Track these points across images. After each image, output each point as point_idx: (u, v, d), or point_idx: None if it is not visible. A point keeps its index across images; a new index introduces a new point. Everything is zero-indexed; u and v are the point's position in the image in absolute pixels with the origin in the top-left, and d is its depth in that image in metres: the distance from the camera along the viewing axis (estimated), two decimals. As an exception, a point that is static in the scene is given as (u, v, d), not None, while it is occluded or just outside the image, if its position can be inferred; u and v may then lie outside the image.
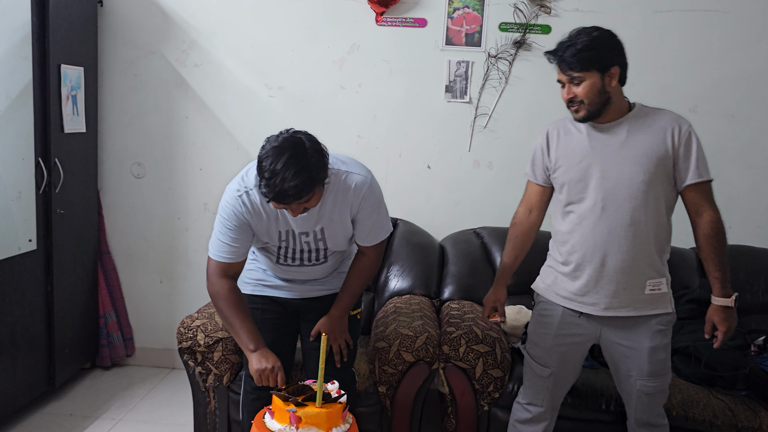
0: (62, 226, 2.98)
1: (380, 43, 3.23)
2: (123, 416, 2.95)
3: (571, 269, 2.09)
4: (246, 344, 2.00)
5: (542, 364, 2.18)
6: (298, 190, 1.72)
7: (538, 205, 2.22)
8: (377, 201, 2.04)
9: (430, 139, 3.28)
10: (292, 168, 1.70)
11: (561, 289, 2.13)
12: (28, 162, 2.75)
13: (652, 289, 2.05)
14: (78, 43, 3.05)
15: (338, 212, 1.99)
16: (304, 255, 2.10)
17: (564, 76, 1.98)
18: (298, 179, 1.70)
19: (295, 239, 2.03)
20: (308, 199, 1.79)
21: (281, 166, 1.70)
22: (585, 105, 1.98)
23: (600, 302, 2.06)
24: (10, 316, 2.68)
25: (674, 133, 1.99)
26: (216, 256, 2.00)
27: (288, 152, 1.73)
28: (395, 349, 2.39)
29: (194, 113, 3.35)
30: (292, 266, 2.14)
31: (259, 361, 1.97)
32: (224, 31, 3.28)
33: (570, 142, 2.08)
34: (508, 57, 3.19)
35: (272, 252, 2.10)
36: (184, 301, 3.47)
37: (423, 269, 2.97)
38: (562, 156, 2.09)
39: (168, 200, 3.42)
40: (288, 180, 1.70)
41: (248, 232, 1.99)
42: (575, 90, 1.97)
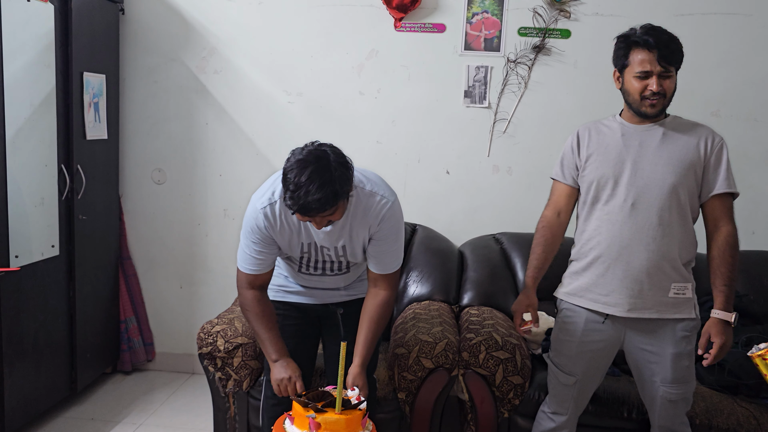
0: (84, 232, 3.01)
1: (399, 49, 3.23)
2: (143, 421, 2.97)
3: (595, 265, 2.07)
4: (269, 354, 2.01)
5: (567, 372, 2.15)
6: (322, 204, 1.71)
7: (566, 208, 2.19)
8: (397, 225, 2.00)
9: (449, 145, 3.28)
10: (316, 181, 1.70)
11: (584, 289, 2.11)
12: (51, 168, 2.79)
13: (676, 292, 2.03)
14: (100, 51, 3.09)
15: (358, 230, 1.97)
16: (326, 266, 2.10)
17: (659, 67, 1.96)
18: (322, 192, 1.70)
19: (317, 251, 2.03)
20: (332, 212, 1.78)
21: (305, 179, 1.70)
22: (665, 100, 1.99)
23: (623, 302, 2.04)
24: (33, 321, 2.71)
25: (707, 143, 2.01)
26: (243, 268, 2.02)
27: (312, 165, 1.72)
28: (414, 356, 2.38)
29: (214, 119, 3.37)
30: (313, 275, 2.14)
31: (279, 372, 1.98)
32: (244, 38, 3.30)
33: (603, 140, 2.08)
34: (528, 62, 3.17)
35: (294, 261, 2.11)
36: (204, 307, 3.49)
37: (442, 275, 2.95)
38: (594, 152, 2.08)
39: (188, 206, 3.45)
40: (312, 193, 1.69)
41: (272, 245, 1.99)
42: (664, 83, 1.97)
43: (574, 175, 2.15)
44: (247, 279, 2.02)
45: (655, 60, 1.96)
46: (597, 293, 2.08)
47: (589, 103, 3.19)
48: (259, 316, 2.02)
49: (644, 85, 1.98)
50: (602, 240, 2.05)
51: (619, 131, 2.07)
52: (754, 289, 2.87)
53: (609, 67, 3.11)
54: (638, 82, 1.99)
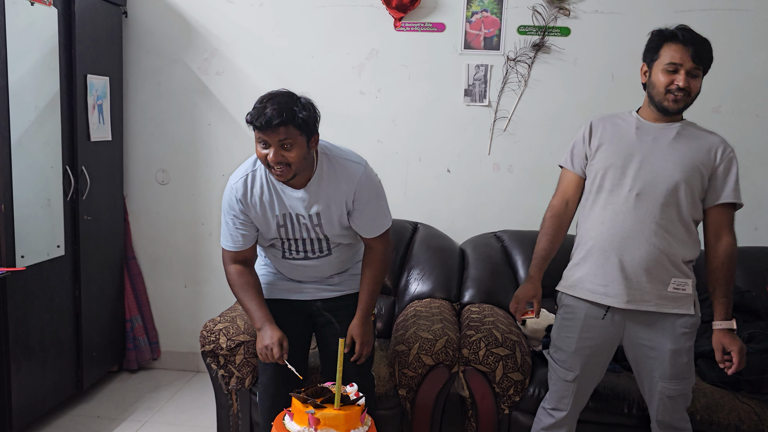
0: (89, 233, 3.05)
1: (399, 49, 3.25)
2: (149, 418, 3.00)
3: (597, 257, 2.08)
4: (254, 321, 2.10)
5: (566, 368, 2.16)
6: (278, 113, 1.83)
7: (573, 197, 2.20)
8: (375, 189, 2.09)
9: (449, 143, 3.29)
10: (277, 99, 1.87)
11: (585, 282, 2.11)
12: (56, 170, 2.83)
13: (676, 287, 2.03)
14: (103, 54, 3.13)
15: (334, 198, 2.04)
16: (307, 245, 2.12)
17: (690, 63, 1.97)
18: (280, 107, 1.84)
19: (293, 223, 2.07)
20: (287, 135, 1.86)
21: (268, 98, 1.87)
22: (688, 99, 2.00)
23: (622, 294, 2.04)
24: (39, 321, 2.75)
25: (719, 151, 2.03)
26: (225, 245, 2.13)
27: (280, 94, 1.91)
28: (415, 353, 2.40)
29: (217, 120, 3.40)
30: (297, 260, 2.16)
31: (263, 338, 2.06)
32: (245, 39, 3.33)
33: (617, 131, 2.10)
34: (527, 60, 3.18)
35: (277, 247, 2.15)
36: (207, 305, 3.53)
37: (443, 273, 2.97)
38: (606, 141, 2.09)
39: (192, 206, 3.48)
40: (271, 106, 1.84)
41: (248, 223, 2.08)
42: (691, 82, 1.98)
43: (582, 164, 2.15)
44: (230, 255, 2.12)
45: (688, 56, 1.96)
46: (596, 284, 2.09)
47: (590, 101, 3.19)
48: (243, 287, 2.10)
49: (671, 79, 1.99)
50: (604, 230, 2.06)
51: (634, 125, 2.08)
52: (756, 285, 2.87)
53: (609, 64, 3.16)
54: (666, 75, 2.00)
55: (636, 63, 3.12)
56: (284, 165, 1.91)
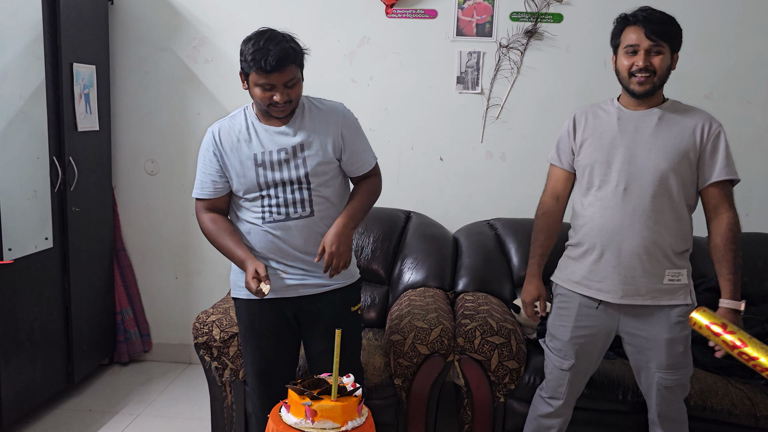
0: (78, 224, 3.01)
1: (390, 36, 3.22)
2: (141, 411, 2.98)
3: (590, 253, 2.07)
4: (237, 257, 2.02)
5: (562, 356, 2.16)
6: (284, 54, 1.88)
7: (563, 193, 2.19)
8: (357, 124, 2.12)
9: (442, 131, 3.27)
10: (273, 41, 1.90)
11: (579, 277, 2.11)
12: (43, 161, 2.78)
13: (671, 279, 2.03)
14: (90, 42, 3.07)
15: (319, 130, 2.04)
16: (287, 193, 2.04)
17: (647, 41, 1.95)
18: (280, 47, 1.88)
19: (272, 161, 2.02)
20: (291, 77, 1.91)
21: (263, 41, 1.89)
22: (654, 78, 1.97)
23: (617, 289, 2.04)
24: (28, 314, 2.71)
25: (704, 130, 1.99)
26: (197, 194, 2.12)
27: (268, 32, 1.94)
28: (410, 342, 2.39)
29: (206, 109, 3.36)
30: (278, 222, 2.05)
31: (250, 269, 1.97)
32: (234, 27, 3.28)
33: (599, 125, 2.08)
34: (520, 47, 3.16)
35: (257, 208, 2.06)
36: (199, 297, 3.50)
37: (437, 262, 2.96)
38: (589, 137, 2.08)
39: (182, 196, 3.44)
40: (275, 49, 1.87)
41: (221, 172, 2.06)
42: (653, 60, 1.96)
43: (570, 159, 2.14)
44: (202, 204, 2.13)
45: (643, 35, 1.95)
46: (591, 279, 2.08)
47: (582, 88, 3.18)
48: (217, 233, 2.07)
49: (632, 62, 1.97)
50: (594, 226, 2.05)
51: (615, 115, 2.06)
52: (748, 271, 2.87)
53: (602, 50, 3.14)
54: (627, 58, 1.99)
55: (629, 49, 3.14)
56: (287, 103, 1.95)
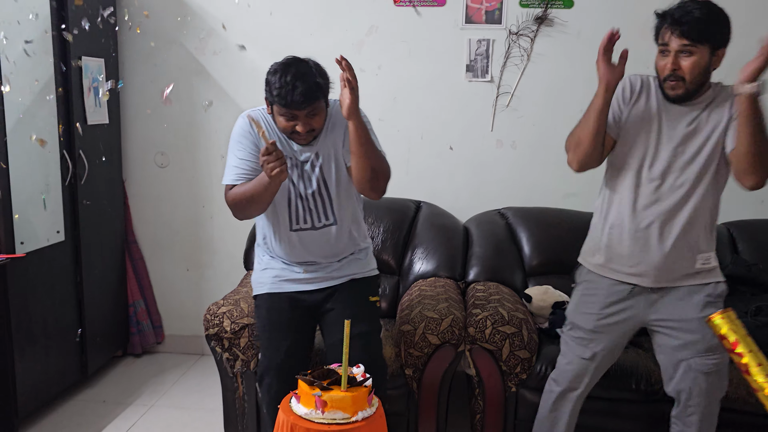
0: (89, 217, 3.02)
1: (399, 25, 3.19)
2: (155, 402, 3.00)
3: (622, 237, 2.02)
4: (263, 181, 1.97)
5: (584, 345, 2.11)
6: (309, 91, 1.88)
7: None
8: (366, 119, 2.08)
9: (451, 120, 3.24)
10: (299, 77, 1.88)
11: (611, 262, 2.06)
12: (54, 155, 2.79)
13: (703, 263, 2.00)
14: (98, 35, 3.07)
15: (330, 137, 2.08)
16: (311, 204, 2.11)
17: (676, 42, 1.85)
18: (306, 84, 1.88)
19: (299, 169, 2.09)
20: (316, 109, 1.93)
21: (290, 77, 1.88)
22: (685, 83, 1.88)
23: (650, 274, 2.01)
24: (41, 307, 2.73)
25: (732, 110, 1.91)
26: (228, 180, 2.10)
27: (294, 65, 1.92)
28: (421, 332, 2.38)
29: (215, 101, 3.35)
30: (304, 230, 2.14)
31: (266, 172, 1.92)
32: (242, 18, 3.27)
33: (650, 104, 1.98)
34: (530, 33, 3.13)
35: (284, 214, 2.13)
36: (210, 288, 3.51)
37: (447, 251, 2.95)
38: (634, 117, 1.99)
39: (192, 189, 3.45)
40: (301, 85, 1.87)
41: (255, 154, 2.06)
42: (683, 62, 1.86)
43: (615, 128, 2.01)
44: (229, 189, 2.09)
45: (674, 36, 1.85)
46: (624, 264, 2.04)
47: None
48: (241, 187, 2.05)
49: (663, 64, 1.90)
50: (633, 211, 2.00)
51: (660, 102, 1.97)
52: (764, 258, 2.84)
53: (613, 36, 3.09)
54: (661, 58, 1.91)
55: (641, 35, 3.07)
56: (309, 132, 1.97)
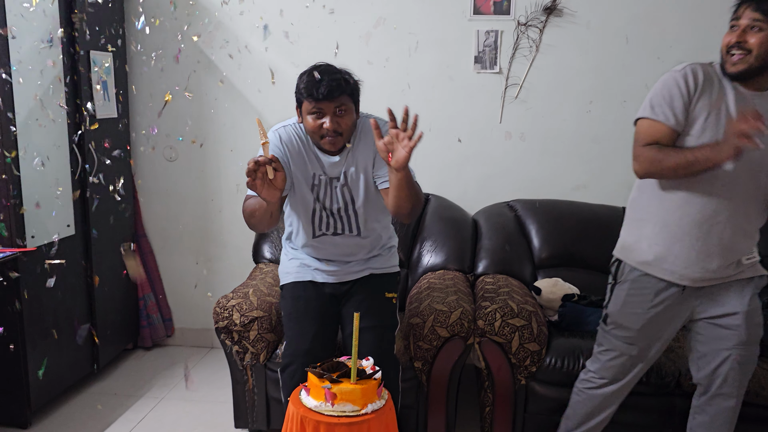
0: (99, 211, 3.03)
1: (406, 16, 3.17)
2: (165, 395, 3.02)
3: (682, 238, 1.96)
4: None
5: (630, 342, 2.08)
6: (337, 83, 1.93)
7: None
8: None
9: (460, 112, 3.23)
10: (328, 70, 1.97)
11: (661, 261, 2.00)
12: (63, 149, 2.80)
13: (748, 258, 1.98)
14: (106, 29, 3.07)
15: (361, 153, 2.09)
16: (336, 216, 2.14)
17: (748, 16, 1.78)
18: (335, 77, 1.95)
19: (324, 184, 2.10)
20: (343, 107, 1.96)
21: (318, 72, 1.95)
22: (749, 57, 1.81)
23: (700, 275, 1.96)
24: (52, 301, 2.75)
25: None
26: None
27: (323, 65, 2.01)
28: (430, 325, 2.38)
29: (223, 94, 3.35)
30: (327, 236, 2.18)
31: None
32: (249, 11, 3.26)
33: (716, 98, 1.89)
34: (539, 24, 3.10)
35: (308, 224, 2.16)
36: (220, 282, 3.52)
37: (456, 244, 2.94)
38: (703, 108, 1.88)
39: (201, 182, 3.45)
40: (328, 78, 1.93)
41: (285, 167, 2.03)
42: (750, 37, 1.79)
43: (683, 121, 1.89)
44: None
45: (749, 10, 1.79)
46: (676, 264, 1.98)
47: (603, 65, 3.12)
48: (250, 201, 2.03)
49: (728, 39, 1.84)
50: (692, 210, 1.93)
51: (732, 94, 1.88)
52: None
53: (623, 26, 3.07)
54: (728, 35, 1.85)
55: (651, 24, 3.07)
56: (337, 134, 1.98)
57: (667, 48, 3.05)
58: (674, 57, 3.05)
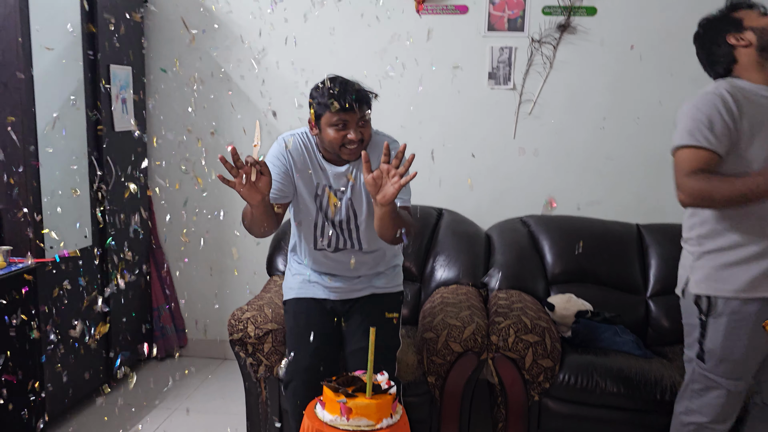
0: (115, 222, 3.07)
1: (421, 32, 3.20)
2: (178, 406, 3.03)
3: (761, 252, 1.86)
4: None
5: (736, 378, 1.95)
6: (361, 94, 1.97)
7: None
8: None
9: (474, 128, 3.25)
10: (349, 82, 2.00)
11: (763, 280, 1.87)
12: (82, 160, 2.84)
13: None
14: (126, 43, 3.12)
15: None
16: (338, 228, 2.13)
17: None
18: (358, 88, 1.99)
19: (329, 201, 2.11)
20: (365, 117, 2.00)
21: (341, 81, 1.99)
22: None
23: None
24: (68, 311, 2.77)
25: None
26: None
27: (340, 77, 2.02)
28: (443, 340, 2.39)
29: (238, 108, 3.39)
30: (327, 251, 2.18)
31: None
32: (266, 26, 3.30)
33: (762, 114, 1.84)
34: (553, 41, 3.12)
35: (310, 235, 2.16)
36: (234, 294, 3.54)
37: (469, 259, 2.95)
38: (755, 125, 1.82)
39: (215, 194, 3.48)
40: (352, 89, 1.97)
41: (287, 179, 2.08)
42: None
43: (727, 143, 1.83)
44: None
45: None
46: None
47: (617, 82, 3.13)
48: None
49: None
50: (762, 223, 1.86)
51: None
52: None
53: (637, 43, 3.09)
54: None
55: (663, 41, 3.08)
56: (359, 143, 2.00)
57: (680, 65, 3.06)
58: (687, 74, 3.06)
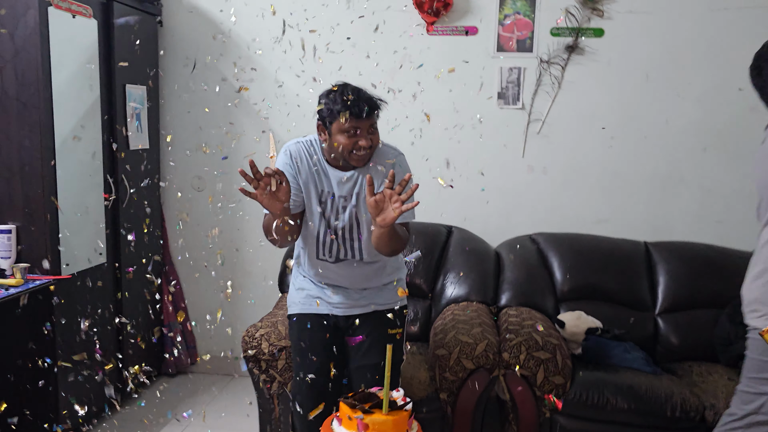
0: (129, 240, 3.10)
1: (431, 52, 3.26)
2: (189, 422, 3.05)
3: None
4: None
5: None
6: (372, 101, 2.01)
7: None
8: (407, 169, 2.13)
9: (483, 146, 3.29)
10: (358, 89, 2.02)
11: None
12: (96, 178, 2.88)
13: None
14: (140, 63, 3.18)
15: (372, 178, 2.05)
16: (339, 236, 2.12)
17: None
18: (368, 96, 2.02)
19: (332, 202, 2.11)
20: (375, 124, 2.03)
21: (352, 89, 2.01)
22: None
23: None
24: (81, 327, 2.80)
25: None
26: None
27: (349, 85, 2.04)
28: (455, 357, 2.41)
29: (250, 126, 3.44)
30: (328, 261, 2.15)
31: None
32: (277, 46, 3.36)
33: None
34: (561, 62, 3.18)
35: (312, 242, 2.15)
36: (245, 311, 3.56)
37: (479, 276, 2.97)
38: None
39: (228, 212, 3.52)
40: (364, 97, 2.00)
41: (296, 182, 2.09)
42: None
43: None
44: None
45: None
46: None
47: (624, 102, 3.18)
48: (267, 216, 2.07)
49: None
50: None
51: None
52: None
53: (644, 64, 3.14)
54: None
55: (671, 62, 3.13)
56: (369, 149, 2.02)
57: (686, 85, 3.11)
58: (693, 94, 3.12)
